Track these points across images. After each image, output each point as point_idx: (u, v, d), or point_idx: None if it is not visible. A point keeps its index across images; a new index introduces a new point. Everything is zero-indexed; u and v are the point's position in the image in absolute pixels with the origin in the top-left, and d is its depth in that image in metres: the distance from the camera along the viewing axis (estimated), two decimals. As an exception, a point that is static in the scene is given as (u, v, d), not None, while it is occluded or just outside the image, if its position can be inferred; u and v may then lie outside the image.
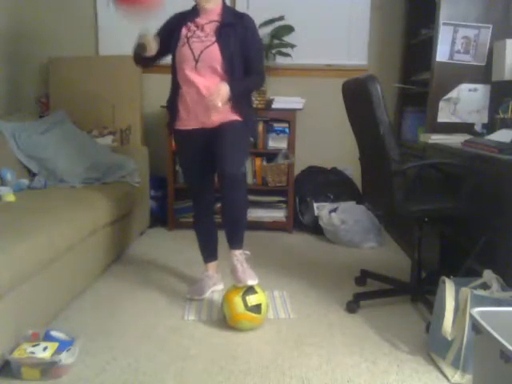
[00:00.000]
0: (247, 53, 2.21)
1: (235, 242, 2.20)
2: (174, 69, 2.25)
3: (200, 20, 2.21)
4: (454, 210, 2.14)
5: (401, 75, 3.66)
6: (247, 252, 2.23)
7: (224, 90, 2.10)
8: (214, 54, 2.15)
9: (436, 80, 2.89)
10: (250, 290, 2.08)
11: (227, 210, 2.19)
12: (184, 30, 2.21)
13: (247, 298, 2.04)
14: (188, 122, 2.27)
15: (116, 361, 1.83)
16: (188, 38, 2.18)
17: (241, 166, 2.20)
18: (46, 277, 1.99)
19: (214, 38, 2.16)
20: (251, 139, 2.35)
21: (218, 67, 2.17)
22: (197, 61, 2.16)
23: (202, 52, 2.15)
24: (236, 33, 2.18)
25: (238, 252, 2.19)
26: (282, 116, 3.50)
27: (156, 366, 1.81)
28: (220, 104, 2.08)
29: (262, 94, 3.51)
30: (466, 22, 2.81)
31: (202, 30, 2.19)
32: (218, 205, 3.27)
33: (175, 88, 2.28)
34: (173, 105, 2.29)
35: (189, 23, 2.22)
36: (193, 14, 2.25)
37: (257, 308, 2.05)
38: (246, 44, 2.20)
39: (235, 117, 2.23)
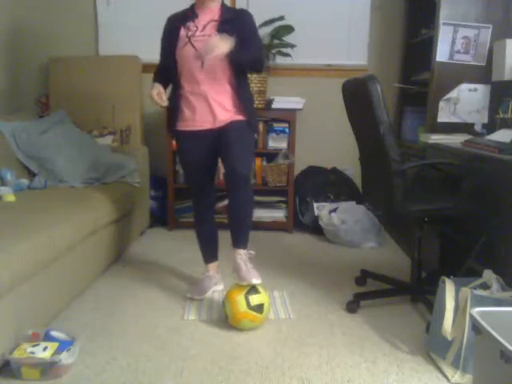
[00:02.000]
0: (244, 39, 2.15)
1: (240, 242, 2.20)
2: (174, 70, 2.23)
3: (199, 20, 2.20)
4: (454, 209, 2.14)
5: (401, 75, 3.66)
6: (252, 252, 2.23)
7: (227, 43, 2.02)
8: None
9: (436, 80, 2.89)
10: (253, 289, 2.08)
11: (235, 210, 2.19)
12: (183, 31, 2.19)
13: (250, 297, 2.05)
14: (193, 122, 2.25)
15: (116, 361, 1.83)
16: (189, 38, 2.16)
17: (250, 166, 2.20)
18: (46, 277, 1.99)
19: (216, 36, 2.14)
20: (255, 136, 2.34)
21: (222, 64, 2.15)
22: (202, 62, 2.13)
23: None
24: (235, 28, 2.15)
25: (242, 251, 2.19)
26: (282, 116, 3.50)
27: (156, 365, 1.81)
28: (213, 54, 2.00)
29: (262, 94, 3.51)
30: (466, 22, 2.81)
31: (203, 29, 2.17)
32: (219, 205, 3.29)
33: (176, 89, 2.26)
34: (175, 106, 2.27)
35: (187, 23, 2.20)
36: (191, 14, 2.23)
37: (259, 308, 2.05)
38: (243, 33, 2.16)
39: (239, 117, 2.22)
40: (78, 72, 3.52)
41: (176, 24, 2.22)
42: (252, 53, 2.18)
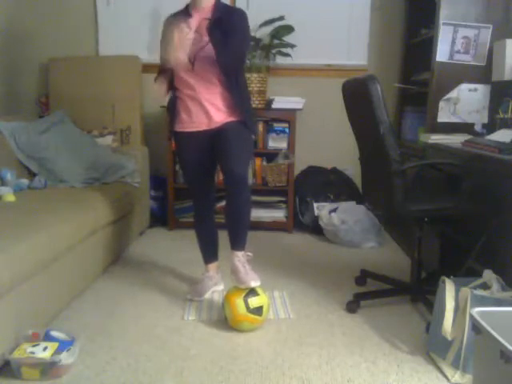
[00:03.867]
0: (231, 35, 2.10)
1: (238, 243, 2.19)
2: (170, 73, 2.21)
3: (192, 20, 2.17)
4: (454, 209, 2.14)
5: (401, 75, 3.66)
6: (250, 253, 2.22)
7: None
8: (209, 54, 2.12)
9: (436, 80, 2.89)
10: (252, 291, 2.07)
11: (232, 211, 2.18)
12: (177, 34, 2.14)
13: (249, 300, 2.04)
14: (189, 124, 2.25)
15: (116, 361, 1.83)
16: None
17: (247, 167, 2.19)
18: (46, 277, 1.99)
19: (207, 39, 2.12)
20: (253, 137, 2.34)
21: (213, 67, 2.14)
22: (193, 64, 2.14)
23: (196, 54, 2.12)
24: (225, 26, 2.12)
25: (240, 253, 2.18)
26: (282, 116, 3.50)
27: (156, 365, 1.81)
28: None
29: (262, 94, 3.51)
30: (466, 22, 2.80)
31: (196, 30, 2.14)
32: (218, 205, 3.29)
33: (173, 92, 2.26)
34: (173, 108, 2.27)
35: (181, 25, 2.13)
36: (184, 14, 2.19)
37: (258, 310, 2.05)
38: (230, 31, 2.11)
39: (234, 117, 2.22)
40: (78, 72, 3.52)
41: (171, 26, 2.17)
42: (229, 53, 2.11)
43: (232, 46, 2.11)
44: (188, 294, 2.42)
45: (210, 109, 2.20)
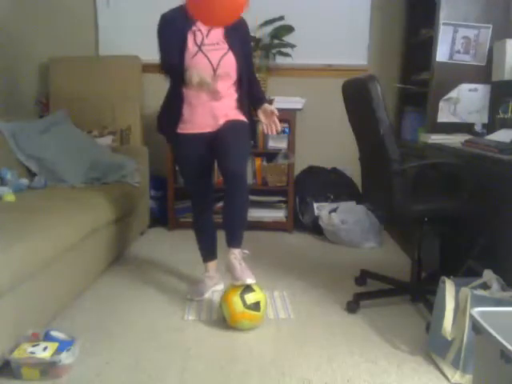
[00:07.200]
0: (247, 56, 2.26)
1: (235, 241, 2.18)
2: (180, 71, 2.19)
3: (201, 24, 2.13)
4: (454, 209, 2.14)
5: (401, 75, 3.66)
6: (246, 251, 2.22)
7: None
8: (231, 61, 2.16)
9: (436, 80, 2.89)
10: (248, 288, 2.07)
11: (230, 208, 2.18)
12: (190, 36, 2.14)
13: (245, 296, 2.04)
14: (191, 125, 2.24)
15: (116, 361, 1.83)
16: (200, 46, 2.13)
17: (245, 165, 2.19)
18: (46, 277, 1.99)
19: (226, 46, 2.16)
20: (252, 142, 2.36)
21: (233, 73, 2.19)
22: (215, 69, 2.14)
23: (220, 61, 2.13)
24: (239, 37, 2.20)
25: (236, 251, 2.17)
26: (281, 116, 3.43)
27: (156, 365, 1.81)
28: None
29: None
30: (466, 22, 2.81)
31: (207, 35, 2.15)
32: (218, 205, 3.29)
33: (178, 91, 2.21)
34: (174, 108, 2.25)
35: (192, 27, 2.15)
36: (185, 11, 2.06)
37: (256, 306, 2.05)
38: (246, 46, 2.26)
39: (236, 116, 2.23)
40: (78, 72, 3.53)
41: (176, 25, 2.15)
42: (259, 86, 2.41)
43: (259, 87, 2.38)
44: (188, 293, 2.42)
45: (218, 113, 2.20)
